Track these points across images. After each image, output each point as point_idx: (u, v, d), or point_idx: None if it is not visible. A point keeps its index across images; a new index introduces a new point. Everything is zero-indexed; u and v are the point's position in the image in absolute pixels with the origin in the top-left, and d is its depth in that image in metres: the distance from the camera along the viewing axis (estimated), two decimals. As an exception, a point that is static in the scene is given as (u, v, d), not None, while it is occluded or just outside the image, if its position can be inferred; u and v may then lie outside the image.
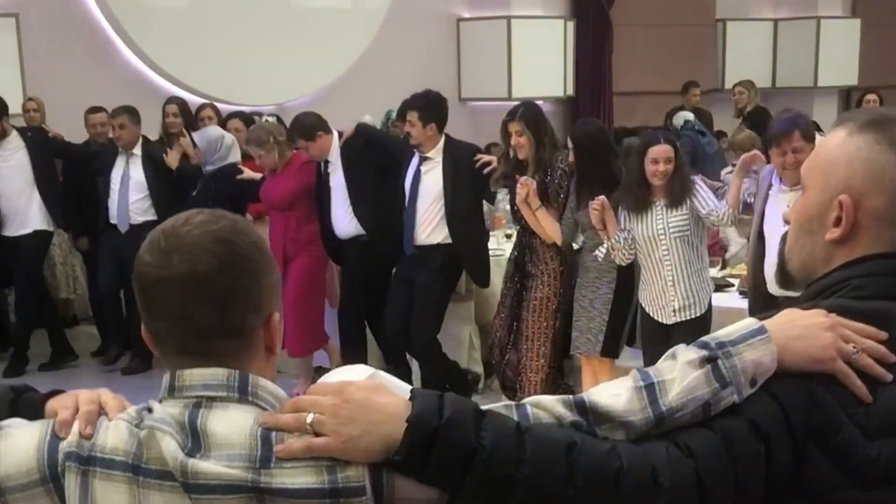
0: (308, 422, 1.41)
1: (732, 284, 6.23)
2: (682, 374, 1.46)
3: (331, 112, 7.34)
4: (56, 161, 8.02)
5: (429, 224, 6.31)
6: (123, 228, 7.47)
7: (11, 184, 7.57)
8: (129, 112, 7.48)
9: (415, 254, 6.37)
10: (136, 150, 7.51)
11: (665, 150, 5.22)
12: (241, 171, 7.16)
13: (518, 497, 1.39)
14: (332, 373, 1.55)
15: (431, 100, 6.34)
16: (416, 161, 6.36)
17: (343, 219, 6.69)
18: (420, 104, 6.29)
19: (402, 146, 6.58)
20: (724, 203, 5.32)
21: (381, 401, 1.41)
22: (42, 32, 9.32)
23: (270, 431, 1.43)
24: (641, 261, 5.40)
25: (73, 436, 1.49)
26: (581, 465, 1.39)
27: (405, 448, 1.37)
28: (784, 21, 14.17)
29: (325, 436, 1.40)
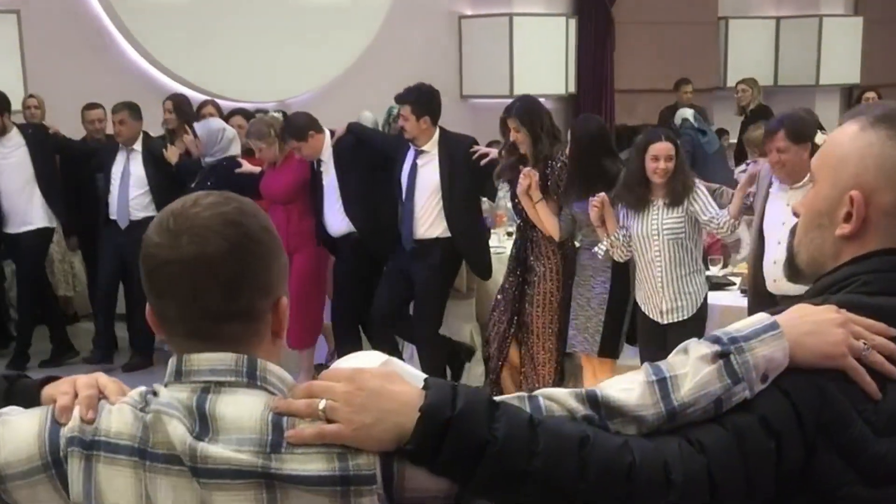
0: (320, 408, 1.39)
1: (734, 283, 6.21)
2: (695, 370, 1.46)
3: (332, 109, 7.35)
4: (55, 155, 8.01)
5: (427, 217, 6.30)
6: (123, 224, 7.45)
7: (12, 181, 7.55)
8: (130, 108, 7.46)
9: (414, 248, 6.36)
10: (137, 146, 7.49)
11: (666, 148, 5.18)
12: (241, 165, 7.15)
13: (529, 490, 1.39)
14: (345, 359, 1.54)
15: (424, 93, 6.33)
16: (412, 155, 6.35)
17: (335, 217, 6.68)
18: (413, 98, 6.27)
19: (396, 143, 6.57)
20: (725, 212, 5.28)
21: (395, 389, 1.40)
22: (43, 28, 9.32)
23: (282, 416, 1.41)
24: (636, 259, 5.38)
25: (75, 421, 1.48)
26: (593, 460, 1.38)
27: (417, 437, 1.36)
28: (786, 19, 14.16)
29: (338, 423, 1.38)
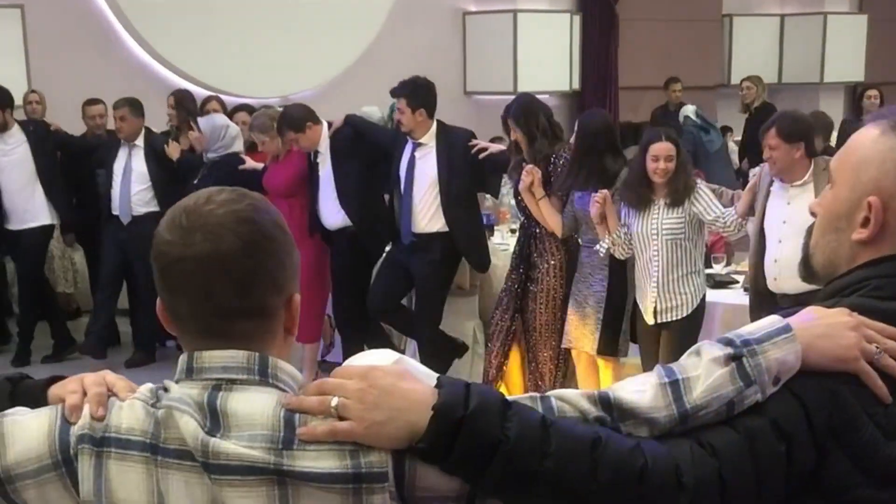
0: (333, 405, 1.39)
1: (737, 281, 6.21)
2: (707, 372, 1.46)
3: (336, 104, 7.34)
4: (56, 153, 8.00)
5: (427, 211, 6.28)
6: (126, 220, 7.44)
7: (14, 178, 7.55)
8: (131, 104, 7.44)
9: (413, 242, 6.34)
10: (139, 142, 7.48)
11: (666, 148, 5.15)
12: (243, 162, 7.14)
13: (540, 491, 1.38)
14: (357, 357, 1.53)
15: (419, 86, 6.31)
16: (410, 148, 6.34)
17: (331, 209, 6.67)
18: (408, 91, 6.26)
19: (394, 136, 6.56)
20: (732, 210, 5.27)
21: (407, 387, 1.40)
22: (47, 24, 9.32)
23: (294, 413, 1.41)
24: (636, 257, 5.36)
25: (85, 419, 1.47)
26: (605, 462, 1.38)
27: (429, 436, 1.36)
28: (790, 16, 14.16)
29: (350, 420, 1.38)
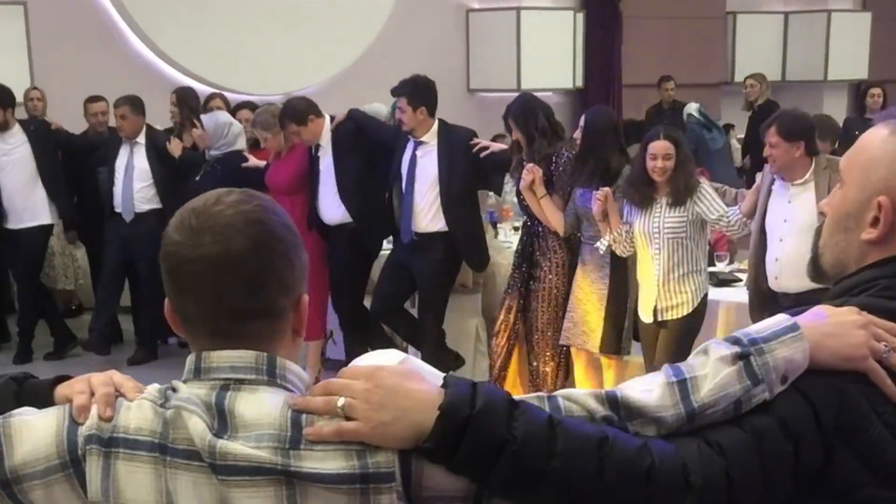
0: (339, 405, 1.39)
1: (740, 279, 6.19)
2: (715, 371, 1.45)
3: (339, 102, 7.33)
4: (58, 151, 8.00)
5: (429, 210, 6.27)
6: (128, 217, 7.45)
7: (14, 177, 7.54)
8: (131, 102, 7.43)
9: (414, 240, 6.33)
10: (140, 139, 7.48)
11: (663, 147, 5.13)
12: (246, 159, 7.14)
13: (547, 490, 1.38)
14: (364, 357, 1.53)
15: (419, 84, 6.31)
16: (412, 146, 6.33)
17: (331, 204, 6.65)
18: (408, 90, 6.26)
19: (395, 133, 6.55)
20: (736, 209, 5.27)
21: (413, 387, 1.40)
22: (50, 21, 9.32)
23: (300, 414, 1.41)
24: (638, 255, 5.35)
25: (93, 419, 1.47)
26: (612, 461, 1.38)
27: (436, 436, 1.36)
28: (794, 14, 14.15)
29: (356, 420, 1.38)
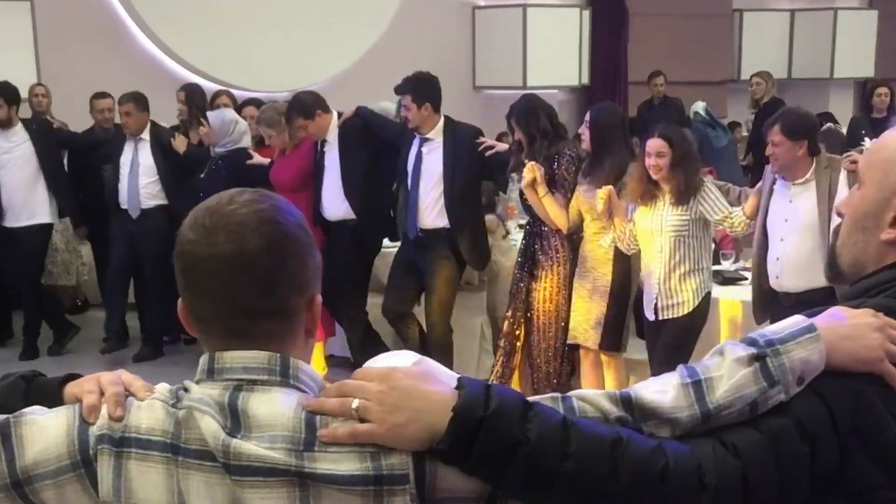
0: (353, 407, 1.39)
1: (745, 278, 6.18)
2: (730, 372, 1.45)
3: (345, 99, 7.33)
4: (62, 150, 8.02)
5: (434, 207, 6.27)
6: (135, 213, 7.46)
7: (16, 175, 7.55)
8: (136, 99, 7.44)
9: (419, 237, 6.34)
10: (145, 136, 7.49)
11: (656, 145, 5.15)
12: (251, 157, 7.15)
13: (561, 491, 1.38)
14: (378, 358, 1.53)
15: (423, 80, 6.30)
16: (417, 143, 6.33)
17: (334, 199, 6.65)
18: (412, 87, 6.25)
19: (401, 130, 6.55)
20: (739, 210, 5.26)
21: (428, 389, 1.40)
22: (56, 17, 9.34)
23: (314, 415, 1.41)
24: (641, 253, 5.36)
25: (103, 419, 1.47)
26: (626, 462, 1.38)
27: (449, 437, 1.36)
28: (801, 12, 14.11)
29: (371, 422, 1.38)
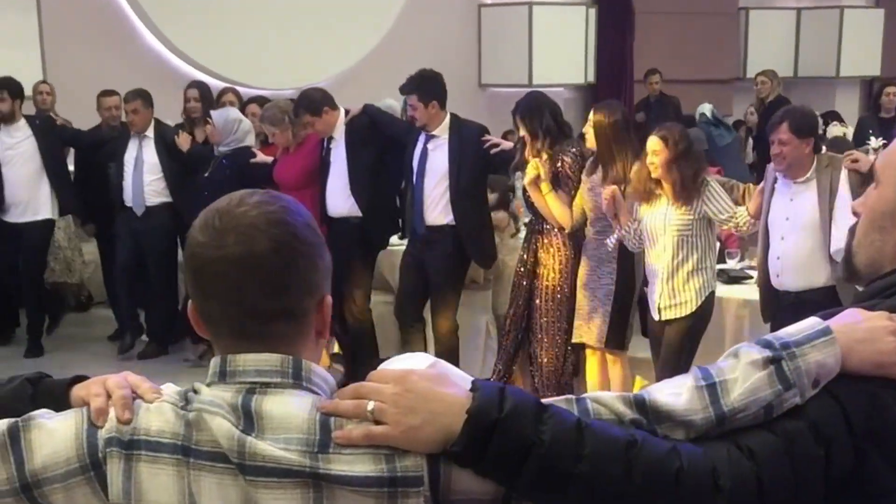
0: (368, 409, 1.39)
1: (751, 276, 6.17)
2: (745, 375, 1.45)
3: (351, 96, 7.33)
4: (65, 148, 8.03)
5: (438, 203, 6.27)
6: (139, 211, 7.48)
7: (18, 171, 7.56)
8: (142, 97, 7.46)
9: (425, 234, 6.35)
10: (149, 133, 7.51)
11: (651, 144, 5.18)
12: (254, 155, 7.16)
13: (575, 493, 1.38)
14: (393, 360, 1.53)
15: (427, 78, 6.30)
16: (423, 140, 6.33)
17: (339, 196, 6.65)
18: (416, 86, 6.25)
19: (408, 128, 6.56)
20: (744, 209, 5.26)
21: (443, 391, 1.40)
22: (62, 14, 9.35)
23: (329, 417, 1.41)
24: (646, 252, 5.35)
25: (112, 422, 1.46)
26: (640, 464, 1.37)
27: (463, 439, 1.36)
28: (807, 10, 14.10)
29: (385, 424, 1.38)
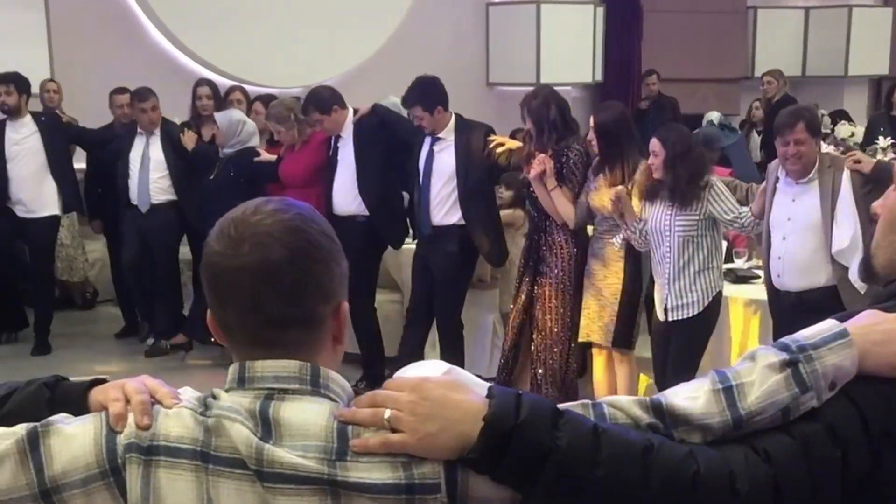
0: (385, 417, 1.40)
1: (758, 276, 6.16)
2: (762, 378, 1.45)
3: (358, 95, 7.33)
4: (72, 146, 8.04)
5: (444, 204, 6.29)
6: (144, 208, 7.50)
7: (23, 167, 7.57)
8: (155, 95, 7.51)
9: (431, 235, 6.36)
10: (156, 131, 7.54)
11: (651, 144, 5.22)
12: (258, 154, 7.17)
13: (592, 498, 1.38)
14: (408, 368, 1.54)
15: (426, 85, 6.31)
16: (429, 141, 6.35)
17: (345, 195, 6.65)
18: (418, 97, 6.27)
19: (415, 129, 6.55)
20: (748, 210, 5.27)
21: (459, 398, 1.40)
22: (70, 12, 9.35)
23: (346, 425, 1.42)
24: (651, 252, 5.36)
25: (130, 427, 1.47)
26: (657, 469, 1.37)
27: (480, 446, 1.37)
28: (815, 9, 14.06)
29: (402, 432, 1.39)
